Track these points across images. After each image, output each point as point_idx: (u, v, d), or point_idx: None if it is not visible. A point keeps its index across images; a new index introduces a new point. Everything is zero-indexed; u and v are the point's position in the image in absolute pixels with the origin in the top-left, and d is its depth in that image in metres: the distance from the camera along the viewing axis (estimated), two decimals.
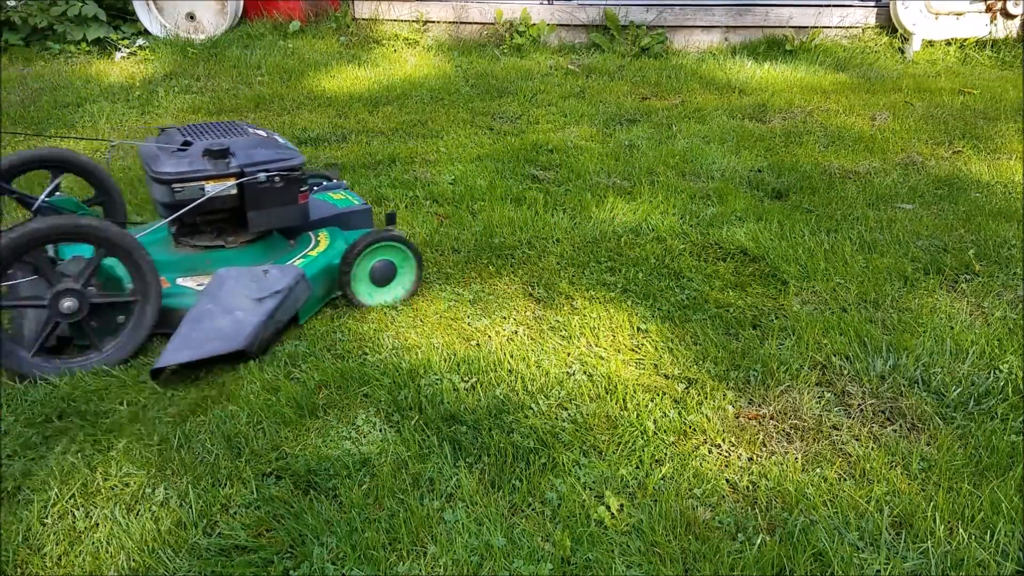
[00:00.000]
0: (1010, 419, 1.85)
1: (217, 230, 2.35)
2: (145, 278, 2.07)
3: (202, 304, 2.09)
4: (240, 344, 2.03)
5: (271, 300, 2.11)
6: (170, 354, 1.99)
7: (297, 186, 2.30)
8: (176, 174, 2.16)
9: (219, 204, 2.22)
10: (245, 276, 2.16)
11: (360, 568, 1.47)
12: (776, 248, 2.66)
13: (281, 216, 2.31)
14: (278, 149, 2.30)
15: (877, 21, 5.80)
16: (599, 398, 1.93)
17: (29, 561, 1.49)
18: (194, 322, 2.05)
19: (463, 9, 5.84)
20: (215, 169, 2.19)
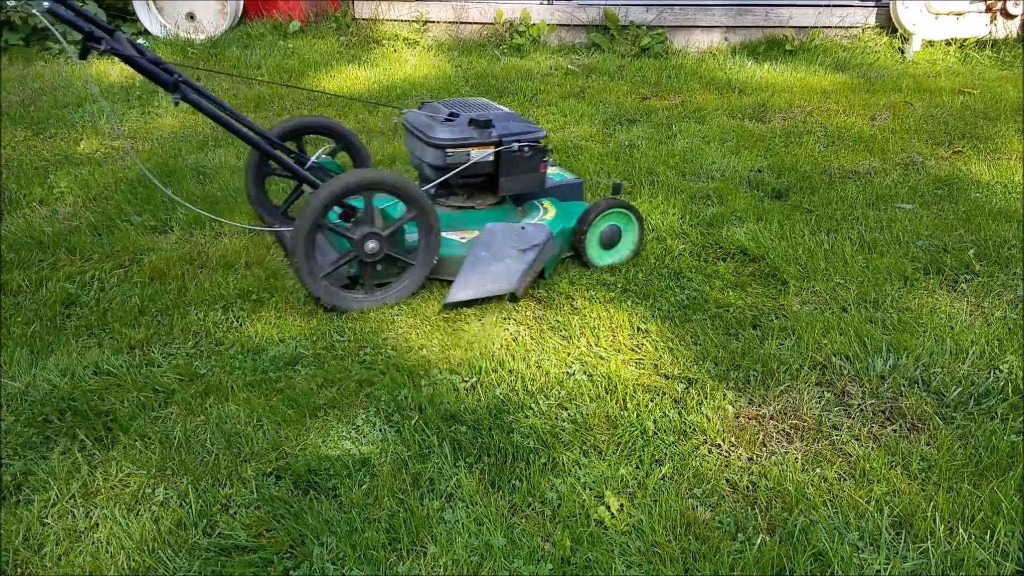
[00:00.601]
0: (1010, 419, 1.85)
1: (467, 193, 2.66)
2: (431, 232, 2.38)
3: (478, 252, 2.42)
4: (511, 287, 2.35)
5: (531, 252, 2.41)
6: (457, 292, 2.34)
7: (541, 156, 2.59)
8: (449, 140, 2.47)
9: (479, 169, 2.53)
10: (509, 231, 2.46)
11: (360, 568, 1.47)
12: (776, 248, 2.66)
13: (526, 182, 2.62)
14: (526, 123, 2.60)
15: (877, 21, 5.80)
16: (599, 398, 1.93)
17: (29, 561, 1.49)
18: (473, 267, 2.38)
19: (463, 9, 5.84)
20: (479, 137, 2.50)
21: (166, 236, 2.82)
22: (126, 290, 2.43)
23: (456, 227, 2.57)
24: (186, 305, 2.34)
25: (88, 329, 2.23)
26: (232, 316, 2.30)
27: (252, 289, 2.42)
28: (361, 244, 2.32)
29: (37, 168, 3.45)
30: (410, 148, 2.66)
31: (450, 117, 2.53)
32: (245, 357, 2.09)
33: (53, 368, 2.02)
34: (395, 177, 2.32)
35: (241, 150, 3.69)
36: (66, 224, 2.88)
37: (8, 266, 2.57)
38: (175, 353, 2.12)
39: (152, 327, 2.24)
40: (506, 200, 2.71)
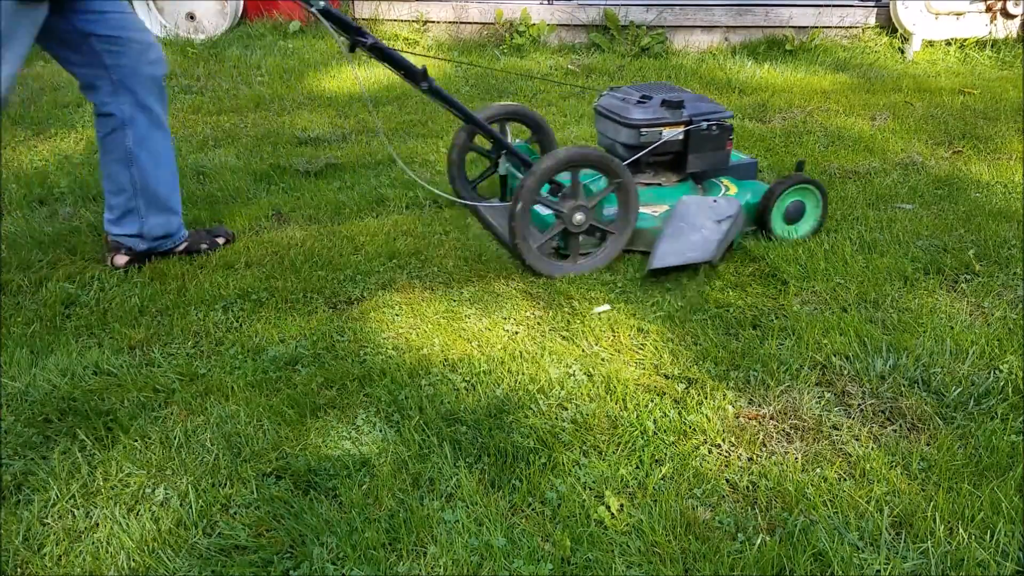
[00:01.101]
0: (1010, 419, 1.85)
1: (655, 171, 2.84)
2: (630, 207, 2.57)
3: (676, 223, 2.59)
4: (709, 256, 2.49)
5: (726, 223, 2.57)
6: (661, 259, 2.49)
7: (727, 135, 2.75)
8: (643, 120, 2.67)
9: (668, 147, 2.72)
10: (703, 204, 2.64)
11: (360, 568, 1.47)
12: (776, 248, 2.66)
13: (712, 160, 2.79)
14: (713, 104, 2.78)
15: (877, 21, 5.80)
16: (599, 398, 1.93)
17: (29, 561, 1.49)
18: (674, 237, 2.55)
19: (463, 9, 5.84)
20: (671, 117, 2.68)
21: None
22: (126, 290, 2.43)
23: (646, 202, 2.72)
24: (186, 305, 2.34)
25: (88, 329, 2.23)
26: (232, 316, 2.30)
27: (252, 289, 2.42)
28: (570, 216, 2.51)
29: (37, 168, 3.45)
30: (601, 130, 2.87)
31: (642, 99, 2.73)
32: (245, 357, 2.09)
33: (53, 368, 2.03)
34: (600, 154, 2.51)
35: (241, 150, 3.70)
36: (66, 224, 2.88)
37: (8, 266, 2.57)
38: (175, 353, 2.12)
39: (152, 327, 2.24)
40: (688, 179, 2.87)
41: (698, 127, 2.70)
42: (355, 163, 3.52)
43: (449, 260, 2.61)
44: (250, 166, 3.47)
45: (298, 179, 3.34)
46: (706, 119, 2.71)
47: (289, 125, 4.07)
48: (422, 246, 2.70)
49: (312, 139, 3.88)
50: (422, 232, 2.82)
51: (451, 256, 2.64)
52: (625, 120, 2.69)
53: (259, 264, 2.59)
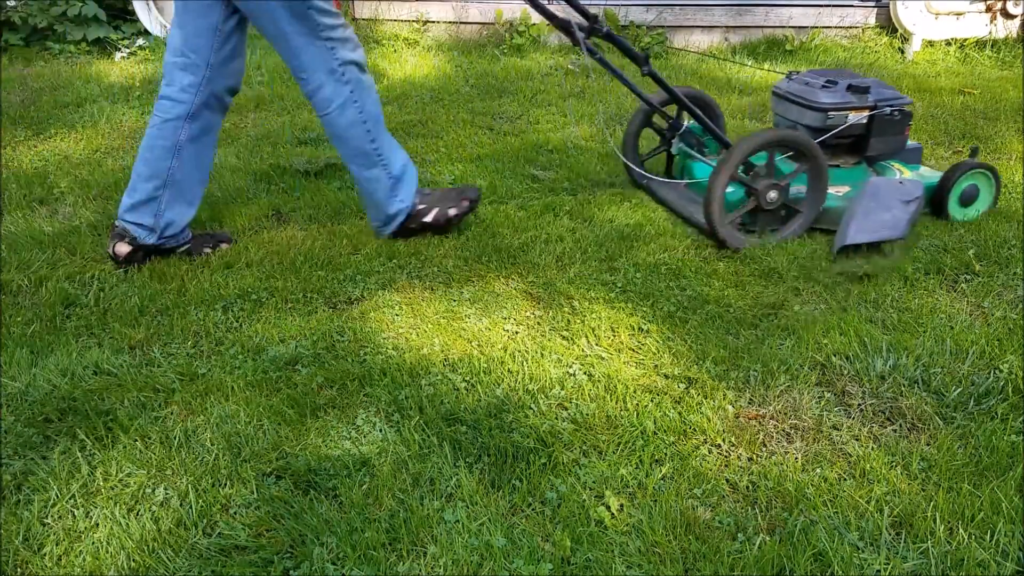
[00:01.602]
0: (1010, 419, 1.85)
1: (833, 153, 2.92)
2: (820, 186, 2.73)
3: (866, 203, 2.70)
4: (900, 235, 2.63)
5: (913, 204, 2.71)
6: (853, 236, 2.62)
7: (907, 121, 2.88)
8: (831, 104, 2.80)
9: (852, 130, 2.85)
10: (890, 184, 2.77)
11: (360, 568, 1.47)
12: (776, 247, 2.66)
13: (891, 144, 2.91)
14: (894, 90, 2.90)
15: (877, 21, 5.80)
16: (599, 398, 1.93)
17: (29, 561, 1.50)
18: (866, 216, 2.67)
19: (463, 9, 5.84)
20: (857, 102, 2.81)
21: None
22: (126, 290, 2.43)
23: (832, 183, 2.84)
24: (186, 305, 2.34)
25: (88, 329, 2.23)
26: (232, 316, 2.30)
27: (252, 289, 2.42)
28: (763, 194, 2.68)
29: (37, 168, 3.45)
30: (781, 113, 3.00)
31: (827, 84, 2.86)
32: (245, 357, 2.09)
33: (53, 368, 2.03)
34: (796, 135, 2.70)
35: (240, 150, 3.69)
36: (66, 224, 2.88)
37: (8, 266, 2.57)
38: (175, 353, 2.12)
39: (152, 327, 2.24)
40: (861, 163, 2.99)
41: (882, 112, 2.82)
42: None
43: (449, 260, 2.61)
44: (250, 166, 3.47)
45: (298, 179, 3.34)
46: (889, 105, 2.83)
47: (289, 125, 4.07)
48: (422, 246, 2.70)
49: (312, 139, 3.88)
50: None
51: (451, 256, 2.64)
52: (812, 103, 2.83)
53: (259, 264, 2.59)
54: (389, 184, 2.68)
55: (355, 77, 2.53)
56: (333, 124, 2.58)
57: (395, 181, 2.68)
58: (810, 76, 2.97)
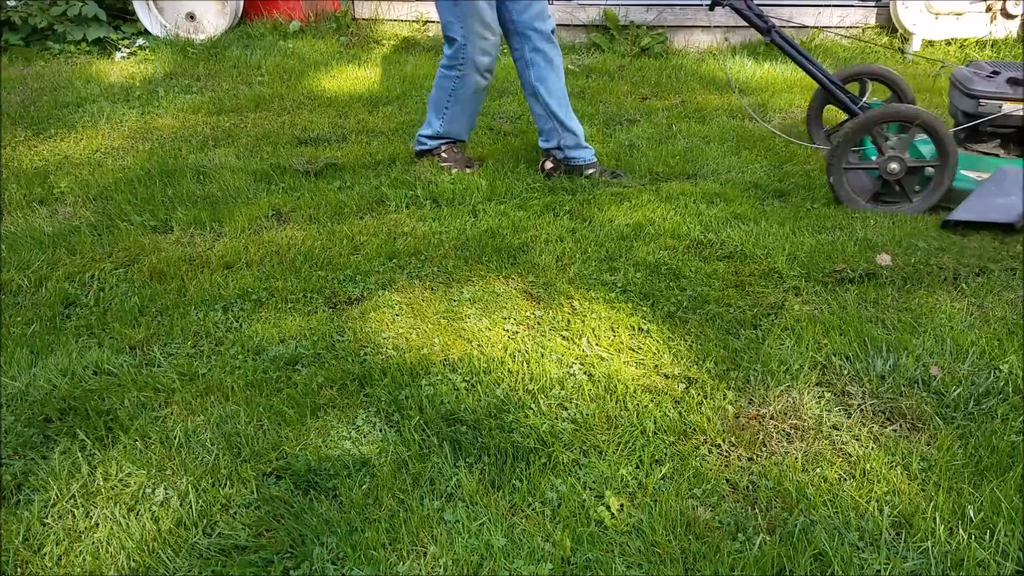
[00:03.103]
0: (1010, 419, 1.85)
1: (1000, 142, 3.03)
2: (948, 157, 2.86)
3: (988, 186, 2.82)
4: (1011, 219, 2.69)
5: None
6: (960, 213, 2.75)
7: None
8: (984, 92, 2.93)
9: (1009, 121, 2.92)
10: (1021, 174, 2.81)
11: (360, 568, 1.47)
12: (777, 247, 2.66)
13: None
14: None
15: (877, 21, 5.80)
16: (599, 398, 1.93)
17: (29, 561, 1.50)
18: (980, 196, 2.78)
19: None
20: (1014, 93, 2.89)
21: (166, 236, 2.82)
22: (126, 290, 2.43)
23: (977, 168, 2.96)
24: (186, 305, 2.34)
25: (88, 329, 2.23)
26: (232, 316, 2.30)
27: (252, 289, 2.42)
28: (885, 165, 2.90)
29: (37, 168, 3.45)
30: (951, 98, 3.16)
31: (992, 74, 2.97)
32: (245, 357, 2.09)
33: (53, 368, 2.03)
34: (917, 111, 2.86)
35: (240, 150, 3.70)
36: (66, 224, 2.88)
37: (8, 266, 2.57)
38: (175, 353, 2.12)
39: (152, 327, 2.24)
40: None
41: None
42: (355, 163, 3.52)
43: (449, 260, 2.61)
44: (250, 166, 3.47)
45: (298, 179, 3.34)
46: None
47: (289, 125, 4.07)
48: (422, 246, 2.70)
49: (312, 139, 3.88)
50: (422, 232, 2.82)
51: (451, 256, 2.64)
52: (967, 90, 2.96)
53: (259, 264, 2.59)
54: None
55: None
56: None
57: None
58: (981, 65, 3.08)
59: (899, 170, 2.91)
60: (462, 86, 3.33)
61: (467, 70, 3.29)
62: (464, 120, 3.46)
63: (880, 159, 2.91)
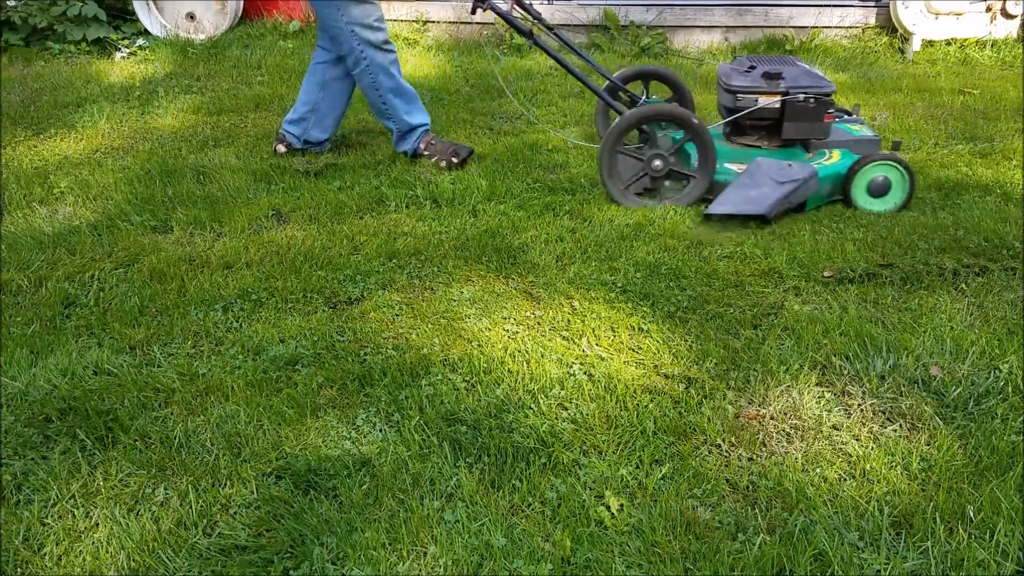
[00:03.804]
0: (1010, 419, 1.85)
1: (759, 134, 3.13)
2: (708, 157, 2.95)
3: (742, 179, 2.91)
4: (762, 210, 2.78)
5: (789, 185, 2.83)
6: (716, 207, 2.82)
7: (824, 108, 2.98)
8: (740, 87, 3.00)
9: (765, 113, 3.01)
10: (774, 165, 2.92)
11: (360, 568, 1.47)
12: (776, 248, 2.66)
13: (808, 130, 3.03)
14: (817, 79, 3.02)
15: (877, 21, 5.80)
16: (599, 398, 1.93)
17: (29, 561, 1.50)
18: (735, 189, 2.87)
19: (463, 9, 5.84)
20: (768, 87, 2.97)
21: (166, 236, 2.82)
22: (126, 290, 2.43)
23: (741, 161, 3.04)
24: (186, 305, 2.34)
25: (88, 329, 2.23)
26: (232, 316, 2.30)
27: (252, 289, 2.42)
28: (649, 162, 2.97)
29: (37, 168, 3.45)
30: (717, 95, 3.22)
31: (749, 69, 3.05)
32: (245, 357, 2.09)
33: (53, 368, 2.03)
34: (672, 108, 2.97)
35: (240, 150, 3.70)
36: (66, 224, 2.88)
37: (8, 266, 2.57)
38: (175, 353, 2.12)
39: (152, 327, 2.24)
40: (796, 144, 3.13)
41: (794, 98, 2.95)
42: (355, 163, 3.52)
43: (449, 260, 2.61)
44: (250, 166, 3.47)
45: (298, 179, 3.34)
46: (804, 92, 2.95)
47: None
48: (422, 246, 2.71)
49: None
50: (422, 232, 2.82)
51: (451, 256, 2.64)
52: (726, 85, 3.05)
53: (259, 264, 2.59)
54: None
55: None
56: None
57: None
58: (742, 61, 3.15)
59: (663, 167, 2.97)
60: (376, 72, 3.34)
61: (369, 56, 3.30)
62: (405, 102, 3.45)
63: (646, 156, 2.96)
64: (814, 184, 2.90)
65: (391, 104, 3.42)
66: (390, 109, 3.44)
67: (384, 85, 3.37)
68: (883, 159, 2.95)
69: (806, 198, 2.91)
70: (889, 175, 2.97)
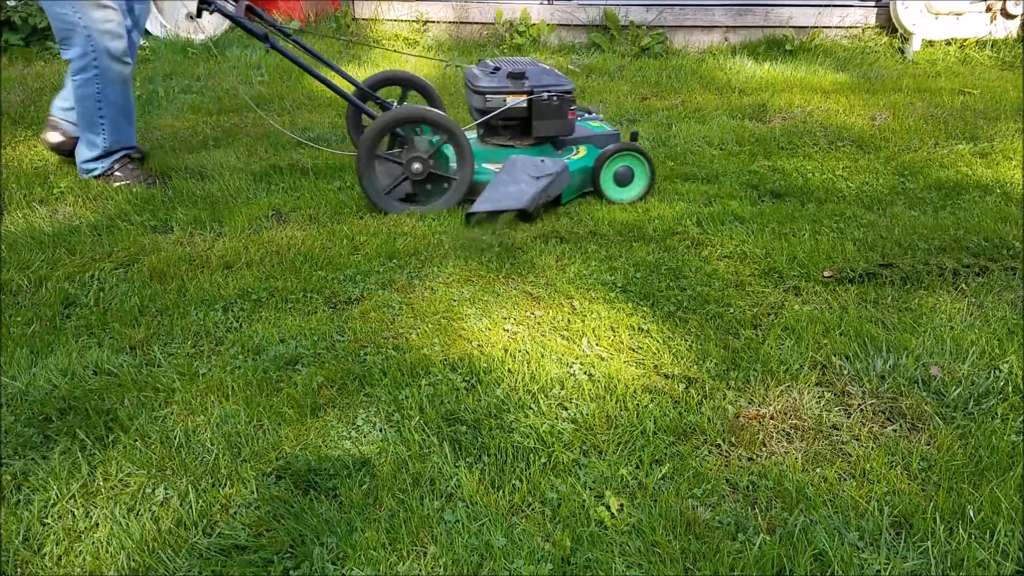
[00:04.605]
0: (1010, 419, 1.85)
1: (511, 134, 3.21)
2: (466, 158, 2.96)
3: (500, 176, 2.96)
4: (522, 205, 2.83)
5: (545, 179, 2.91)
6: (478, 206, 2.86)
7: (567, 105, 3.10)
8: (488, 88, 3.06)
9: (514, 113, 3.09)
10: (528, 162, 3.00)
11: (360, 568, 1.47)
12: (776, 248, 2.67)
13: (555, 127, 3.13)
14: (557, 77, 3.12)
15: (877, 21, 5.80)
16: (599, 398, 1.93)
17: (29, 561, 1.50)
18: (494, 188, 2.92)
19: (463, 9, 5.84)
20: (514, 87, 3.05)
21: (166, 236, 2.82)
22: (126, 290, 2.43)
23: (497, 160, 3.12)
24: (186, 305, 2.34)
25: (88, 329, 2.23)
26: (232, 316, 2.30)
27: (252, 289, 2.42)
28: (408, 166, 2.93)
29: (37, 168, 3.45)
30: (467, 97, 3.28)
31: (495, 70, 3.09)
32: (245, 357, 2.09)
33: (53, 368, 2.03)
34: (425, 111, 2.96)
35: (240, 150, 3.70)
36: (66, 224, 2.88)
37: (8, 266, 2.57)
38: (175, 353, 2.12)
39: (152, 327, 2.24)
40: (546, 142, 3.22)
41: (539, 97, 3.03)
42: (354, 164, 3.51)
43: (449, 260, 2.62)
44: (250, 166, 3.47)
45: (298, 179, 3.34)
46: (547, 90, 3.04)
47: (289, 125, 4.07)
48: (422, 246, 2.71)
49: (312, 139, 3.88)
50: (422, 232, 2.82)
51: (451, 256, 2.64)
52: (474, 87, 3.10)
53: (259, 264, 2.59)
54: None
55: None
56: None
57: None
58: (486, 63, 3.20)
59: (423, 170, 2.94)
60: (106, 84, 3.08)
61: (102, 63, 3.05)
62: (126, 123, 3.21)
63: (405, 160, 2.92)
64: (567, 177, 2.99)
65: (109, 121, 3.15)
66: (105, 125, 3.15)
67: (110, 100, 3.11)
68: (624, 149, 3.08)
69: (561, 191, 3.00)
70: (631, 164, 3.11)
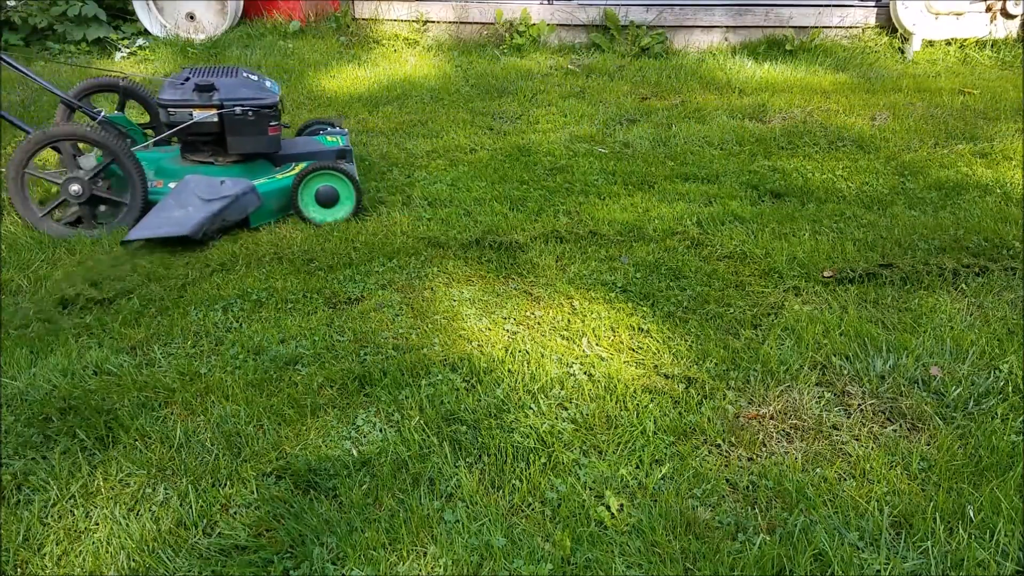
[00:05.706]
0: (1010, 419, 1.85)
1: (210, 150, 2.92)
2: (134, 181, 2.74)
3: (166, 199, 2.72)
4: (184, 231, 2.61)
5: (219, 202, 2.69)
6: (135, 232, 2.62)
7: (267, 120, 2.85)
8: (170, 100, 2.78)
9: (204, 128, 2.81)
10: (203, 182, 2.75)
11: (360, 568, 1.47)
12: (776, 248, 2.66)
13: (253, 143, 2.88)
14: (258, 90, 2.86)
15: (877, 21, 5.80)
16: (599, 398, 1.93)
17: (29, 561, 1.49)
18: (156, 211, 2.69)
19: (463, 9, 5.84)
20: (200, 100, 2.77)
21: None
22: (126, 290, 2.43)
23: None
24: (186, 305, 2.34)
25: (88, 329, 2.23)
26: (232, 316, 2.30)
27: (252, 289, 2.42)
28: (65, 187, 2.70)
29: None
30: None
31: (184, 81, 2.83)
32: (245, 357, 2.09)
33: (53, 368, 2.02)
34: (76, 128, 2.73)
35: None
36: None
37: (8, 266, 2.57)
38: (175, 353, 2.12)
39: (152, 327, 2.24)
40: (257, 160, 2.98)
41: (231, 111, 2.79)
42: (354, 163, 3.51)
43: (449, 260, 2.61)
44: None
45: None
46: (240, 104, 2.79)
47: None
48: (421, 246, 2.70)
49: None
50: (422, 232, 2.82)
51: (451, 256, 2.64)
52: (156, 100, 2.86)
53: (259, 264, 2.59)
54: None
55: None
56: None
57: None
58: (183, 72, 2.92)
59: (82, 191, 2.70)
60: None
61: None
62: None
63: (62, 181, 2.69)
64: (254, 199, 2.76)
65: None
66: None
67: None
68: (323, 169, 2.84)
69: (247, 214, 2.77)
70: (335, 184, 2.87)
